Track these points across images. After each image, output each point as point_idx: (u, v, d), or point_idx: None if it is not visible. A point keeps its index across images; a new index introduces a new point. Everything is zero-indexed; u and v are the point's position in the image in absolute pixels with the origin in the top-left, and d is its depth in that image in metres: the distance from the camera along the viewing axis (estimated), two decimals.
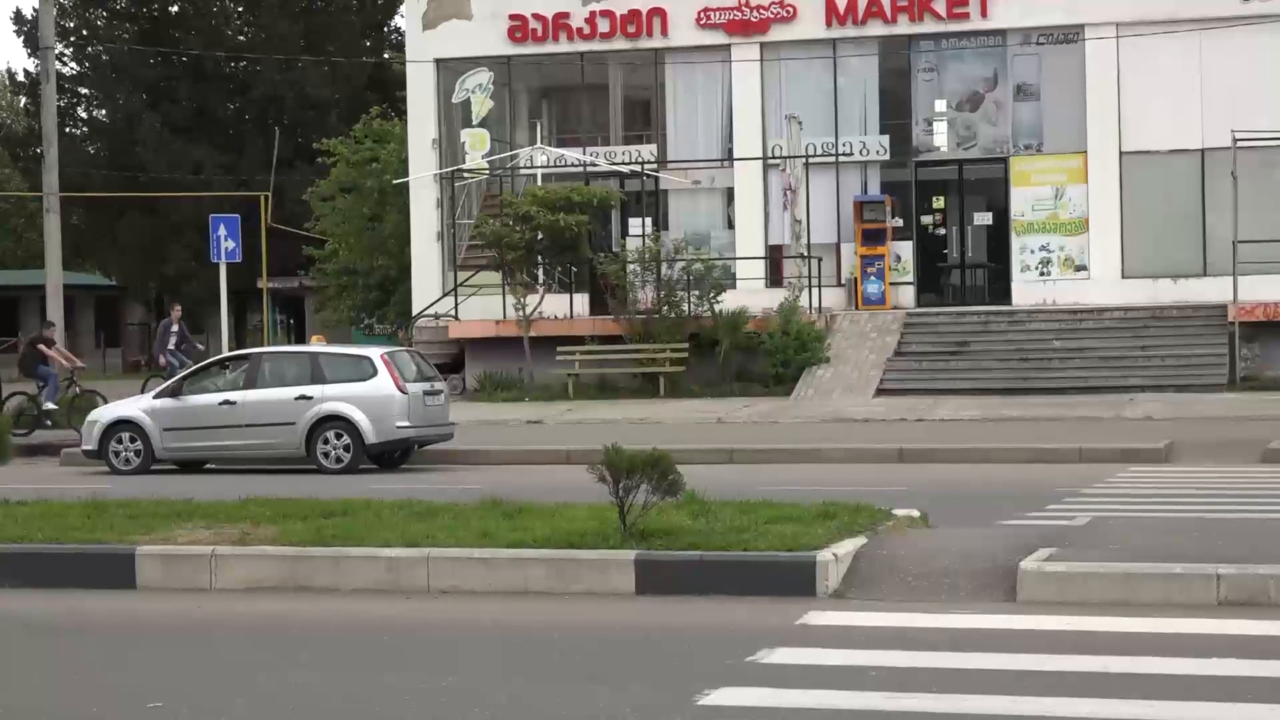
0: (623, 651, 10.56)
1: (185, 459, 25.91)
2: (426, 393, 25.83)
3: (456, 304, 39.48)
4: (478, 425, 30.00)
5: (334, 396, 25.20)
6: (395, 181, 43.58)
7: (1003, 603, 11.89)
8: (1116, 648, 10.22)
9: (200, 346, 34.80)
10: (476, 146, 41.71)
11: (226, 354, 30.22)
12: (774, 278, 39.45)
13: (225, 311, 39.06)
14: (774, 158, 39.52)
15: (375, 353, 26.22)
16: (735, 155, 40.18)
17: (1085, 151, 38.40)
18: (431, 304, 40.25)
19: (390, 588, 13.04)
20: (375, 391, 25.19)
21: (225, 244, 37.21)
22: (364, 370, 25.52)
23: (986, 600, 11.96)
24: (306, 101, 63.97)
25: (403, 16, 51.77)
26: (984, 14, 38.86)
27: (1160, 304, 36.84)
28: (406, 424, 25.23)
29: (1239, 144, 35.22)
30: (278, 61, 62.48)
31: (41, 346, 33.12)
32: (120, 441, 25.84)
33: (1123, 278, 37.85)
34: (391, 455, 25.85)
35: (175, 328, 36.56)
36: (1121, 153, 38.13)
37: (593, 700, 9.18)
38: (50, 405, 31.98)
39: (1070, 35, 38.47)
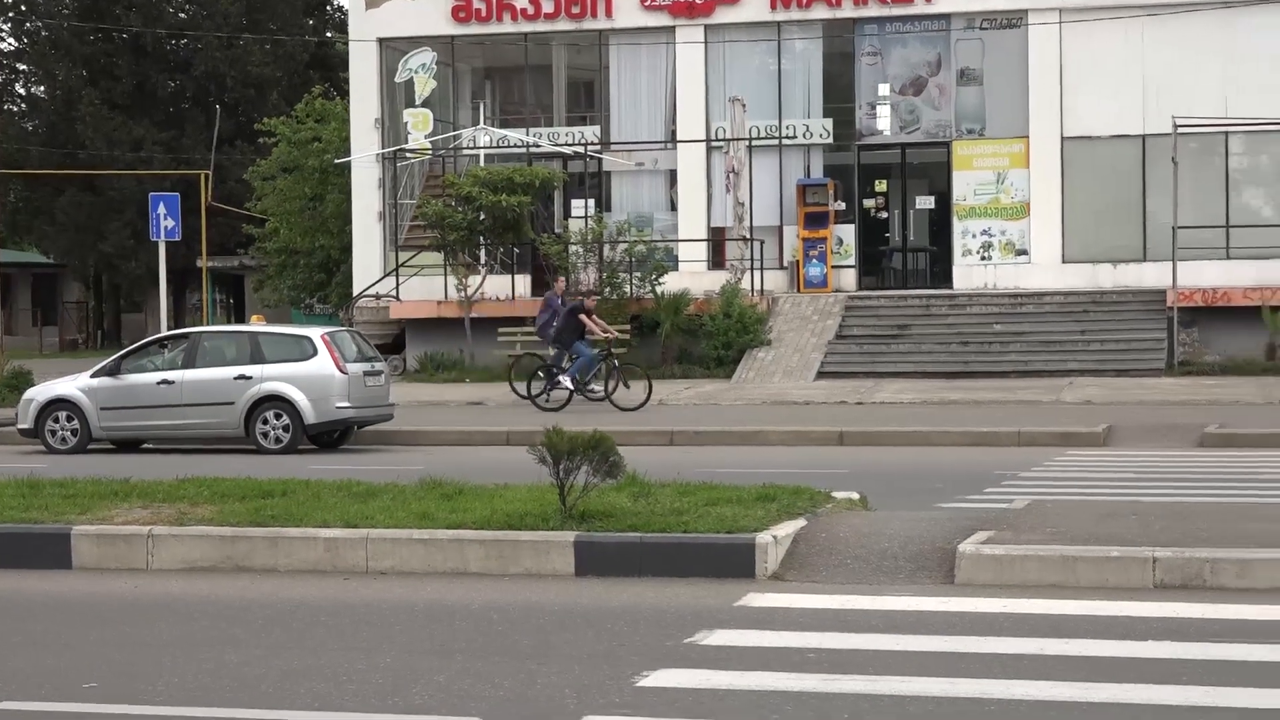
0: (562, 632, 10.55)
1: (123, 438, 25.76)
2: (367, 373, 25.75)
3: (398, 284, 39.37)
4: (418, 406, 29.93)
5: (273, 376, 25.09)
6: (337, 161, 43.44)
7: (941, 585, 11.92)
8: (1053, 630, 10.25)
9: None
10: (419, 126, 41.56)
11: (165, 333, 30.03)
12: (716, 260, 39.50)
13: (164, 290, 38.83)
14: (717, 140, 39.52)
15: (315, 333, 26.11)
16: (679, 137, 40.16)
17: (1027, 136, 38.54)
18: (373, 284, 40.11)
19: (329, 568, 12.99)
20: (315, 371, 25.09)
21: (165, 222, 36.99)
22: (304, 350, 25.42)
23: (925, 582, 11.99)
24: (248, 80, 63.66)
25: None
26: None
27: (1100, 288, 37.04)
28: (346, 404, 25.14)
29: (1180, 130, 35.41)
30: (219, 39, 62.14)
31: None
32: (56, 420, 25.67)
33: (1063, 262, 38.03)
34: (331, 436, 25.77)
35: None
36: (1063, 138, 38.29)
37: (531, 680, 9.16)
38: None
39: (1013, 20, 38.58)
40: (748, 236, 38.13)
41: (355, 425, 25.93)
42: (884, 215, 40.22)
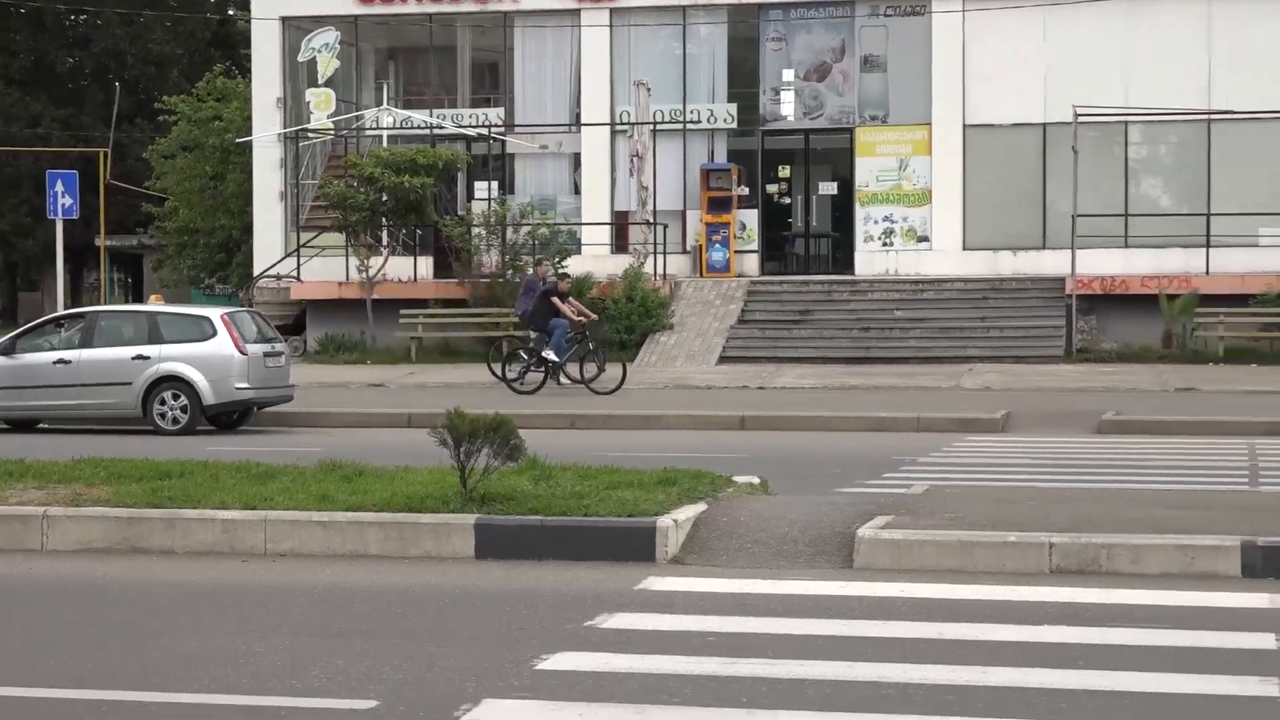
0: (462, 615, 10.52)
1: (18, 418, 25.47)
2: (267, 354, 25.58)
3: (299, 265, 39.14)
4: (319, 387, 29.78)
5: (172, 357, 24.88)
6: (238, 140, 43.11)
7: (840, 569, 11.97)
8: (951, 615, 10.32)
9: None
10: (322, 106, 41.31)
11: (62, 312, 29.72)
12: (620, 244, 39.51)
13: (61, 269, 38.46)
14: (622, 124, 39.51)
15: (215, 313, 25.92)
16: (583, 120, 40.12)
17: (930, 124, 38.76)
18: (273, 265, 39.85)
19: (227, 550, 12.91)
20: (214, 352, 24.90)
21: (62, 200, 36.60)
22: (203, 330, 25.22)
23: (824, 567, 12.04)
24: (148, 57, 63.05)
25: None
26: None
27: (1000, 275, 37.32)
28: (246, 385, 24.97)
29: (1080, 119, 35.71)
30: (119, 15, 61.49)
31: None
32: None
33: (964, 249, 38.28)
34: (230, 417, 25.60)
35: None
36: (965, 125, 38.53)
37: (430, 663, 9.14)
38: None
39: (917, 8, 38.77)
40: (651, 220, 38.15)
41: (255, 406, 25.76)
42: (787, 201, 40.34)
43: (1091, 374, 31.19)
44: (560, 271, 32.02)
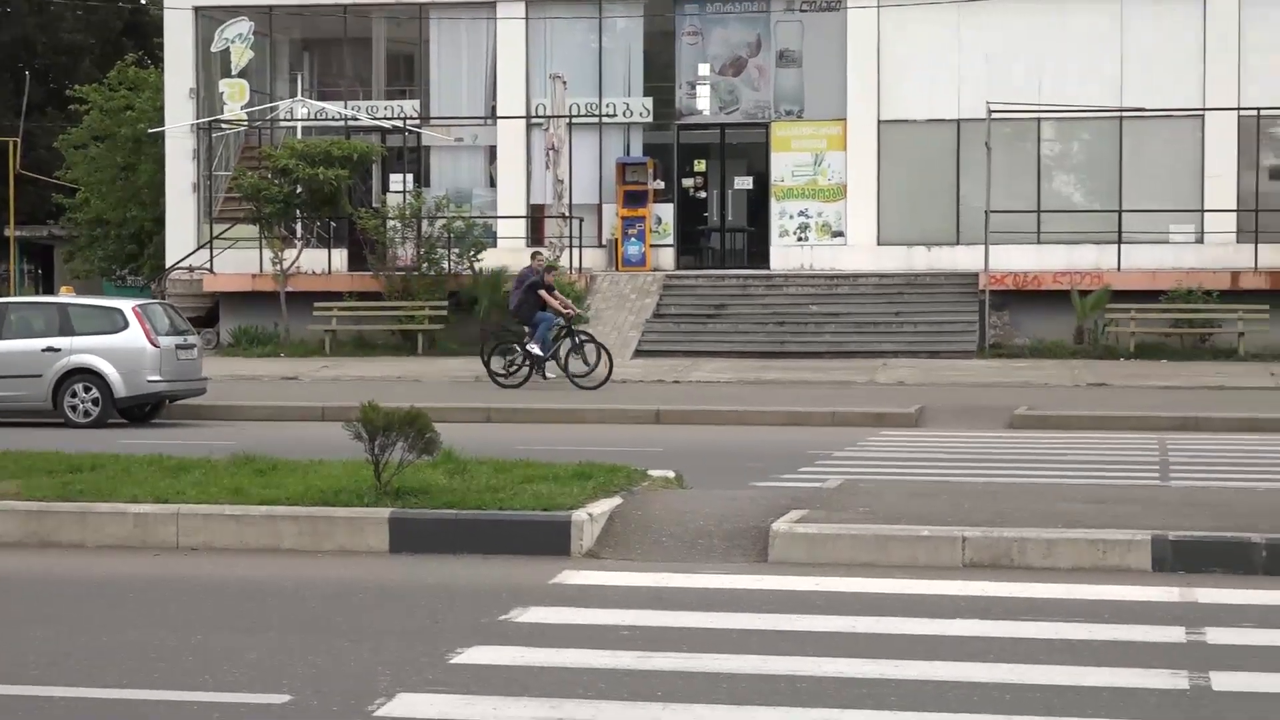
0: (376, 609, 10.48)
1: None
2: (179, 346, 25.40)
3: (212, 257, 38.87)
4: (232, 380, 29.59)
5: (83, 349, 24.66)
6: (150, 131, 42.76)
7: (755, 563, 12.00)
8: (865, 608, 10.36)
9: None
10: (235, 97, 41.04)
11: None
12: (535, 237, 39.42)
13: None
14: (537, 117, 39.45)
15: (127, 305, 25.71)
16: (499, 113, 40.04)
17: (845, 119, 38.88)
18: (186, 256, 39.57)
19: (138, 544, 12.81)
20: (126, 344, 24.71)
21: None
22: (115, 322, 25.01)
23: (739, 560, 12.06)
24: (59, 46, 62.38)
25: None
26: None
27: (915, 271, 37.49)
28: (158, 378, 24.79)
29: (993, 116, 35.93)
30: (30, 3, 60.86)
31: None
32: None
33: (879, 244, 38.44)
34: (142, 410, 25.40)
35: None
36: (880, 121, 38.68)
37: (344, 658, 9.10)
38: None
39: (832, 4, 38.91)
40: (567, 214, 38.11)
41: (167, 399, 25.57)
42: (703, 195, 40.39)
43: (1005, 369, 31.40)
44: (548, 264, 31.41)
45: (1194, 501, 13.50)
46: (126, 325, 24.89)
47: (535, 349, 29.10)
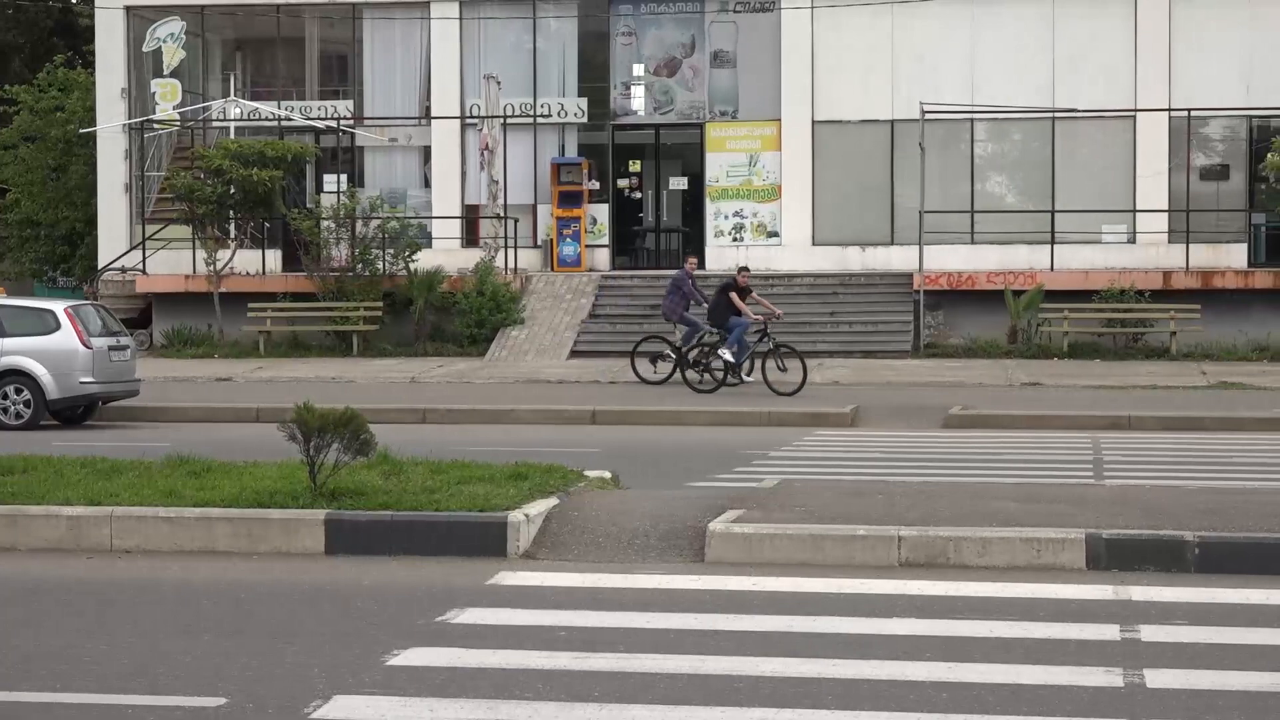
0: (311, 611, 10.44)
1: None
2: (112, 348, 25.23)
3: (144, 258, 38.64)
4: (165, 382, 29.43)
5: (14, 350, 24.46)
6: (82, 131, 42.44)
7: (691, 563, 12.01)
8: (802, 608, 10.38)
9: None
10: (167, 97, 40.79)
11: None
12: (470, 238, 39.38)
13: None
14: (472, 117, 39.38)
15: (59, 306, 25.52)
16: (433, 114, 39.94)
17: (779, 120, 38.95)
18: (118, 257, 39.32)
19: (71, 547, 12.71)
20: (58, 346, 24.52)
21: None
22: (46, 324, 24.82)
23: (676, 560, 12.07)
24: None
25: None
26: None
27: (849, 271, 37.59)
28: (91, 380, 24.62)
29: (926, 116, 36.07)
30: None
31: None
32: None
33: (813, 245, 38.52)
34: (75, 411, 25.21)
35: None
36: (814, 122, 38.76)
37: (280, 660, 9.06)
38: None
39: (766, 5, 38.98)
40: (502, 214, 38.06)
41: (100, 401, 25.39)
42: (638, 195, 40.39)
43: (939, 369, 31.52)
44: (741, 266, 30.26)
45: (1127, 500, 13.59)
46: (58, 327, 24.71)
47: (727, 354, 27.70)
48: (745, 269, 29.78)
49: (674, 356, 28.96)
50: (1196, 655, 9.15)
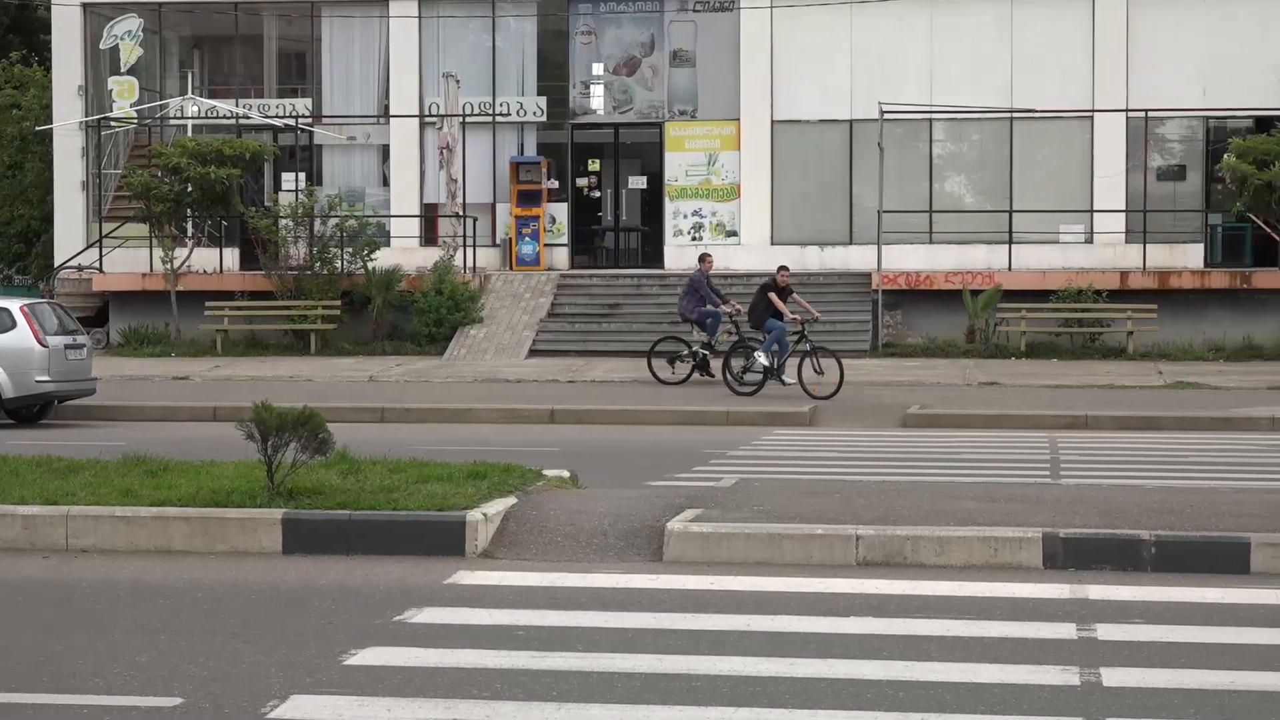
0: (269, 611, 10.41)
1: None
2: (68, 346, 25.11)
3: (101, 256, 38.48)
4: (122, 381, 29.31)
5: None
6: (38, 128, 42.27)
7: (650, 562, 12.01)
8: (760, 607, 10.39)
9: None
10: (125, 95, 40.63)
11: None
12: (429, 236, 39.34)
13: None
14: (431, 116, 39.32)
15: (14, 304, 25.38)
16: (392, 112, 39.87)
17: (738, 119, 38.99)
18: (75, 255, 39.15)
19: (27, 546, 12.65)
20: (14, 344, 24.39)
21: None
22: (2, 322, 24.67)
23: (634, 560, 12.07)
24: None
25: None
26: None
27: (808, 270, 37.60)
28: (47, 378, 24.50)
29: (885, 116, 36.15)
30: None
31: None
32: None
33: (772, 244, 38.56)
34: (31, 410, 25.08)
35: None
36: (773, 121, 38.82)
37: (237, 659, 9.03)
38: None
39: (725, 4, 39.01)
40: (461, 213, 38.00)
41: (56, 400, 25.27)
42: (597, 194, 40.40)
43: (897, 368, 31.58)
44: (780, 266, 29.31)
45: (1084, 499, 13.64)
46: (14, 325, 24.57)
47: (763, 358, 26.96)
48: (785, 268, 28.82)
49: (691, 358, 28.70)
50: (1153, 654, 9.18)
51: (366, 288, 35.78)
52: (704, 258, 30.23)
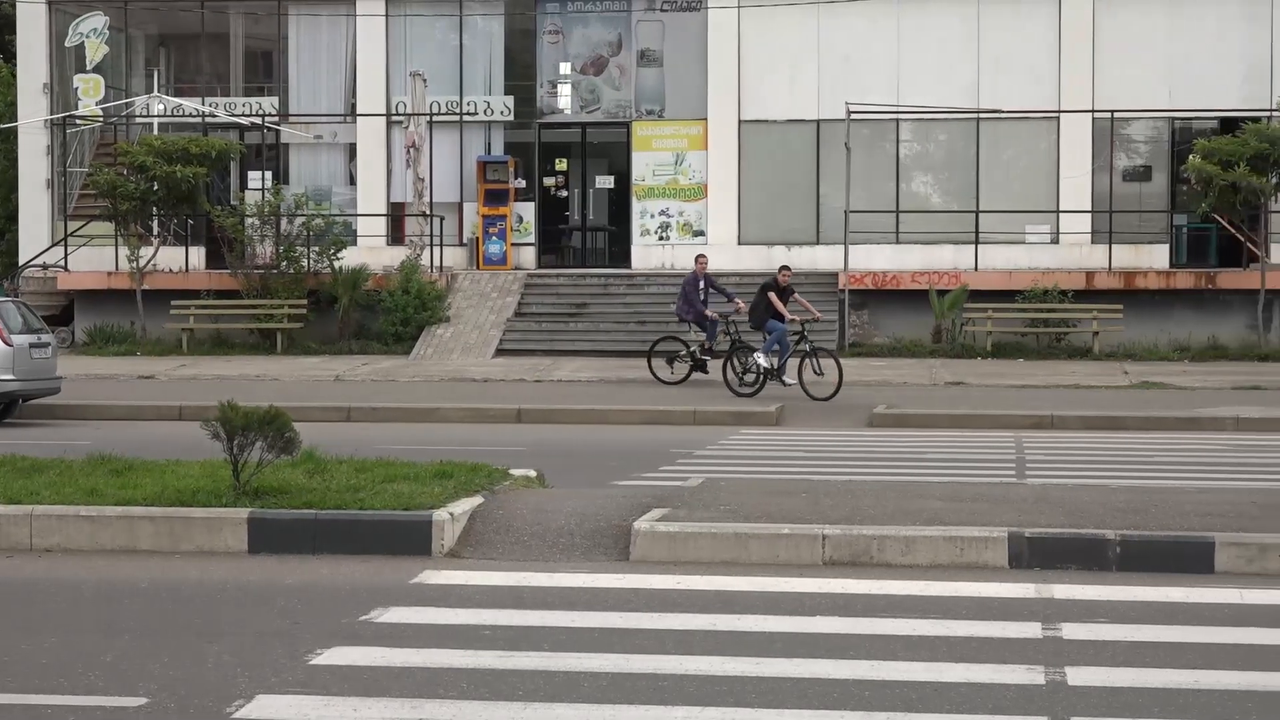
0: (235, 611, 10.38)
1: None
2: (33, 345, 25.02)
3: (66, 254, 38.34)
4: (87, 380, 29.20)
5: None
6: (2, 126, 42.08)
7: (617, 562, 12.01)
8: (726, 606, 10.40)
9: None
10: (90, 93, 40.48)
11: None
12: (396, 235, 39.28)
13: None
14: (398, 115, 39.26)
15: None
16: (358, 111, 39.80)
17: (706, 119, 39.00)
18: (40, 254, 39.00)
19: None
20: None
21: None
22: None
23: (601, 559, 12.07)
24: None
25: None
26: None
27: (775, 270, 37.59)
28: (11, 377, 24.41)
29: (852, 116, 36.20)
30: None
31: None
32: None
33: (739, 244, 38.60)
34: None
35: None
36: (741, 121, 38.84)
37: (202, 659, 9.00)
38: None
39: (693, 3, 39.02)
40: (427, 212, 37.94)
41: (21, 399, 25.17)
42: (564, 194, 40.38)
43: (864, 368, 31.60)
44: (782, 265, 29.31)
45: (1049, 499, 13.67)
46: None
47: (763, 360, 26.85)
48: (786, 268, 28.75)
49: (689, 358, 28.57)
50: (1118, 653, 9.21)
51: (333, 287, 35.70)
52: (698, 258, 30.14)
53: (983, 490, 14.62)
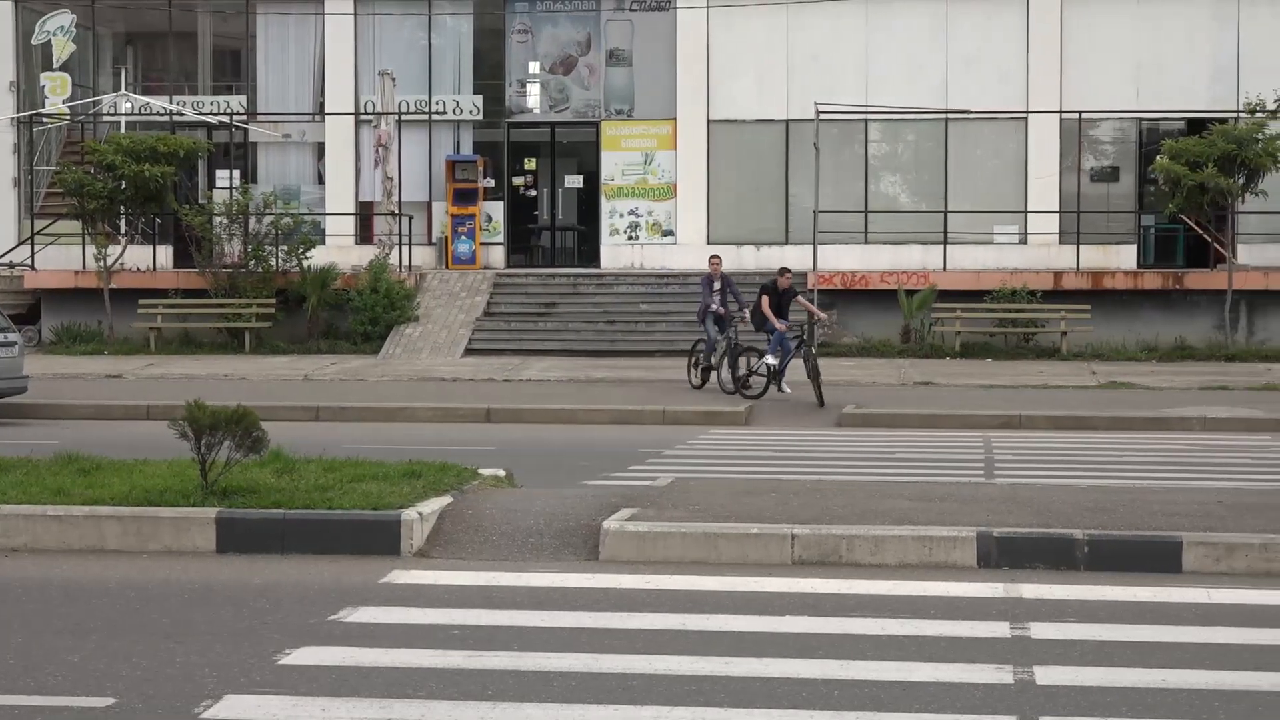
0: (203, 611, 10.35)
1: None
2: None
3: (33, 253, 38.21)
4: (54, 379, 29.10)
5: None
6: None
7: (586, 561, 12.00)
8: (695, 606, 10.40)
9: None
10: (57, 91, 40.34)
11: None
12: (364, 235, 39.22)
13: None
14: (366, 114, 39.20)
15: None
16: (327, 110, 39.73)
17: (675, 118, 39.02)
18: (7, 252, 38.86)
19: None
20: None
21: None
22: None
23: (570, 559, 12.06)
24: None
25: None
26: None
27: (745, 270, 37.60)
28: None
29: (821, 116, 36.23)
30: None
31: None
32: None
33: (708, 243, 38.57)
34: None
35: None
36: (710, 121, 38.87)
37: (170, 659, 8.98)
38: None
39: (662, 3, 39.03)
40: (396, 212, 37.90)
41: None
42: (533, 193, 40.35)
43: (833, 368, 31.55)
44: (782, 268, 28.90)
45: (1018, 499, 13.70)
46: None
47: (771, 360, 26.72)
48: (787, 270, 28.47)
49: (710, 361, 28.18)
50: (1086, 652, 9.24)
51: (301, 286, 35.62)
52: (712, 259, 29.52)
53: (951, 490, 14.65)
